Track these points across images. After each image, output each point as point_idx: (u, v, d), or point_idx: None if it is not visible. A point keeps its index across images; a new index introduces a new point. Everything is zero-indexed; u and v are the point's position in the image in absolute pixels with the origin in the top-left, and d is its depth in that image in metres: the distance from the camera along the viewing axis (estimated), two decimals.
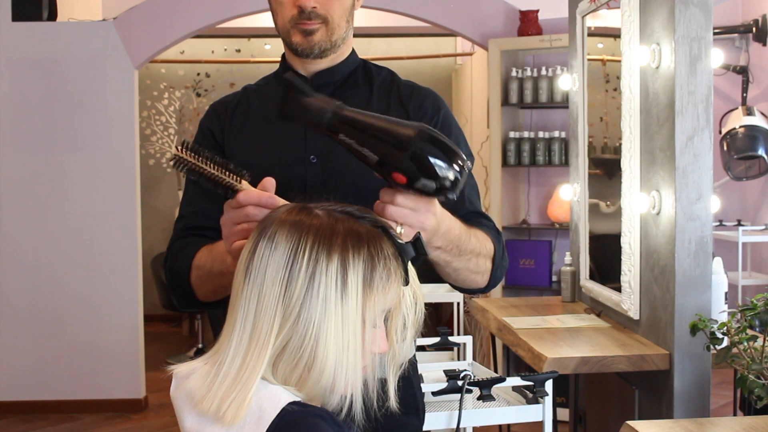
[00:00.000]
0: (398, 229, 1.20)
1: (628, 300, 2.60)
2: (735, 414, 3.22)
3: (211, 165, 1.21)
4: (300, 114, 1.23)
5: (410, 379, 1.53)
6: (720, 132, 4.36)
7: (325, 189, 1.37)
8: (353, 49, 1.59)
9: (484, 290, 1.52)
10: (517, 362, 4.06)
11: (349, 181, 1.44)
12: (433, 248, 1.32)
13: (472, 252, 1.40)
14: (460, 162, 1.18)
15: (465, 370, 2.33)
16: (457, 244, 1.36)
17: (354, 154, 1.21)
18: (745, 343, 2.00)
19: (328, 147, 1.46)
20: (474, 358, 3.02)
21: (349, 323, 1.03)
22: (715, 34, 3.26)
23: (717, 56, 2.82)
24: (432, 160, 1.16)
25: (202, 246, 1.45)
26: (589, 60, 3.13)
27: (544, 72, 4.48)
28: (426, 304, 1.17)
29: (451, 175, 1.17)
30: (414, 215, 1.22)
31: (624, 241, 2.63)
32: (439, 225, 1.27)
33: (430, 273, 1.44)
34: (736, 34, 4.84)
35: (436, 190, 1.18)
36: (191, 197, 1.57)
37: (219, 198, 1.33)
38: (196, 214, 1.54)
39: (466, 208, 1.50)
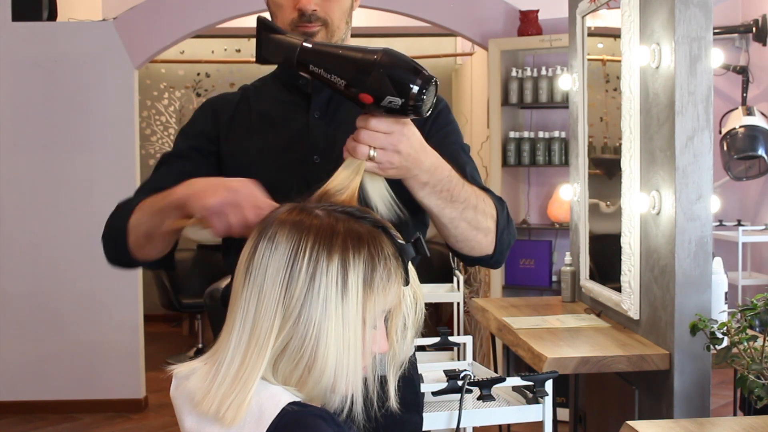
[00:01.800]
0: (371, 153, 1.22)
1: (628, 300, 2.60)
2: (735, 414, 3.22)
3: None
4: (274, 52, 1.28)
5: (412, 377, 1.54)
6: (720, 132, 4.36)
7: None
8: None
9: (493, 260, 1.47)
10: (517, 362, 4.06)
11: None
12: (420, 185, 1.31)
13: (466, 202, 1.37)
14: (424, 78, 1.19)
15: (465, 370, 2.33)
16: (448, 188, 1.34)
17: (324, 82, 1.25)
18: (745, 343, 2.00)
19: (330, 147, 1.46)
20: (474, 358, 3.02)
21: (349, 323, 1.03)
22: (715, 34, 3.26)
23: (717, 56, 2.82)
24: (396, 77, 1.19)
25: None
26: (589, 60, 3.13)
27: (544, 72, 4.48)
28: (426, 304, 1.16)
29: (415, 91, 1.19)
30: (387, 138, 1.22)
31: (624, 241, 2.63)
32: (418, 156, 1.26)
33: (430, 273, 1.43)
34: (736, 34, 4.84)
35: (402, 106, 1.20)
36: (158, 177, 1.53)
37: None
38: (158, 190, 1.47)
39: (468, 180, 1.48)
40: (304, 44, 1.25)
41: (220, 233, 1.24)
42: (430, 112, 1.23)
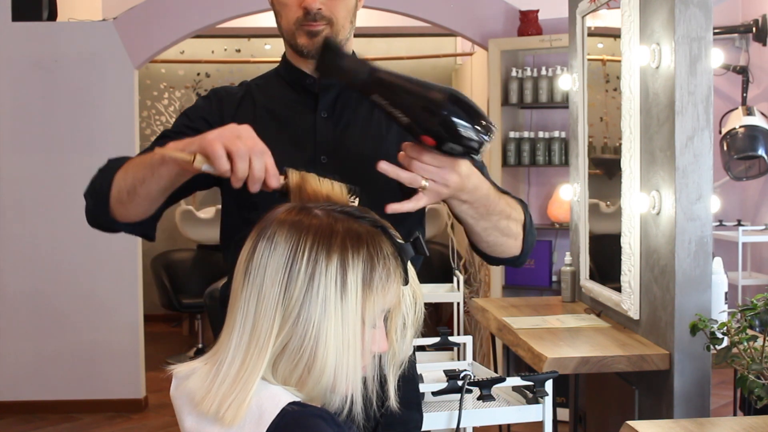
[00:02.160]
0: (423, 183, 1.27)
1: (628, 300, 2.60)
2: (735, 414, 3.22)
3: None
4: (335, 73, 1.32)
5: (412, 376, 1.54)
6: (720, 132, 4.36)
7: None
8: (353, 51, 1.60)
9: (517, 260, 1.52)
10: (517, 362, 4.05)
11: (360, 182, 1.44)
12: (459, 202, 1.36)
13: (501, 213, 1.42)
14: (485, 126, 1.23)
15: (465, 370, 2.33)
16: (485, 204, 1.39)
17: (387, 114, 1.28)
18: (745, 343, 2.00)
19: (338, 147, 1.46)
20: (474, 358, 3.02)
21: (348, 323, 1.03)
22: (715, 34, 3.26)
23: (717, 56, 2.83)
24: (459, 125, 1.22)
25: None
26: (589, 60, 3.13)
27: (544, 72, 4.48)
28: (426, 304, 1.17)
29: (476, 139, 1.23)
30: (438, 172, 1.28)
31: (624, 241, 2.62)
32: (464, 182, 1.32)
33: (430, 273, 1.44)
34: (736, 34, 4.83)
35: (462, 153, 1.25)
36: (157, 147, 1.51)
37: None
38: None
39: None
40: (372, 71, 1.27)
41: (220, 160, 1.20)
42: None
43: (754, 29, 4.68)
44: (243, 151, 1.20)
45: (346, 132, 1.50)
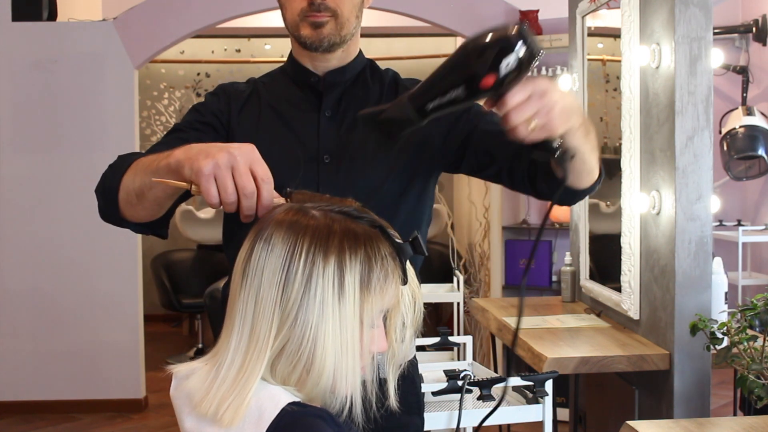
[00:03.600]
0: (531, 126, 1.14)
1: (628, 300, 2.60)
2: (735, 414, 3.22)
3: None
4: (392, 127, 1.23)
5: (413, 378, 1.53)
6: (720, 132, 4.36)
7: (337, 189, 1.36)
8: (360, 49, 1.59)
9: (596, 185, 1.50)
10: (517, 362, 4.05)
11: (362, 181, 1.43)
12: (577, 129, 1.24)
13: (585, 126, 1.30)
14: (514, 30, 1.13)
15: (465, 370, 2.33)
16: (584, 124, 1.28)
17: (453, 107, 1.18)
18: (745, 343, 2.00)
19: (341, 146, 1.46)
20: (474, 358, 3.02)
21: (347, 325, 1.03)
22: (715, 34, 3.26)
23: (717, 56, 2.82)
24: (493, 48, 1.12)
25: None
26: (589, 60, 3.13)
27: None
28: (426, 304, 1.16)
29: (517, 43, 1.12)
30: (533, 103, 1.14)
31: (624, 241, 2.62)
32: (564, 100, 1.18)
33: (430, 273, 1.44)
34: (736, 34, 4.83)
35: (520, 64, 1.12)
36: (171, 142, 1.44)
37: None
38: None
39: None
40: (409, 98, 1.20)
41: (211, 199, 1.14)
42: (542, 51, 1.15)
43: (754, 29, 4.68)
44: (231, 193, 1.13)
45: (350, 132, 1.50)
